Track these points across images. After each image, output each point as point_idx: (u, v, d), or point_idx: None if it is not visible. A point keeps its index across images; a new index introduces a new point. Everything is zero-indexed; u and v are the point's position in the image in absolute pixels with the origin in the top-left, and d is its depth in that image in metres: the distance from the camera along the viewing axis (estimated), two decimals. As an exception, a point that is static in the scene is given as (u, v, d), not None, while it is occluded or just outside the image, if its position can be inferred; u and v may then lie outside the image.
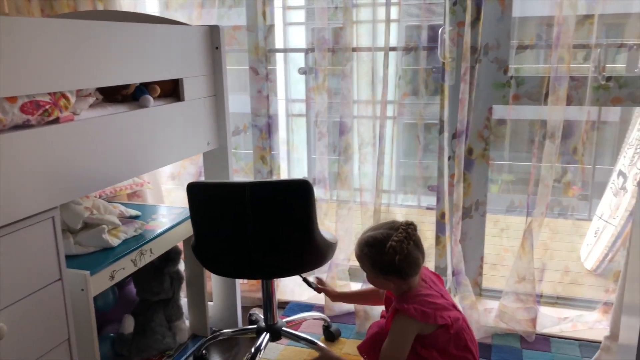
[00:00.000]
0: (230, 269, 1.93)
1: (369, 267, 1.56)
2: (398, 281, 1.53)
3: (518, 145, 2.89)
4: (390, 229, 1.53)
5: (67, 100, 1.41)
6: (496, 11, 2.07)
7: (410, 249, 1.49)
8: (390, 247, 1.47)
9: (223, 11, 2.41)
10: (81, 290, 1.55)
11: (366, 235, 1.57)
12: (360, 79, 2.24)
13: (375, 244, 1.52)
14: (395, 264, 1.48)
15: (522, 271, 2.18)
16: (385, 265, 1.50)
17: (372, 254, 1.53)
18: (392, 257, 1.47)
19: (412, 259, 1.50)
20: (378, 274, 1.54)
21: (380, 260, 1.51)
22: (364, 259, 1.56)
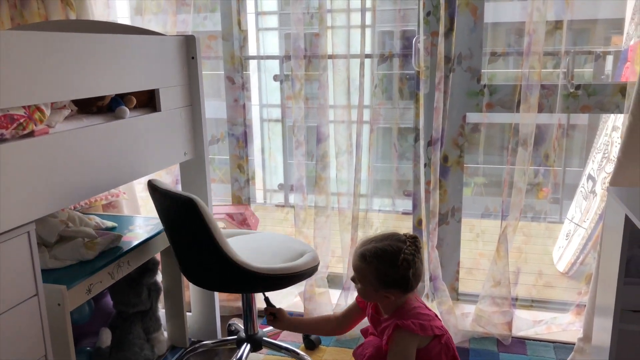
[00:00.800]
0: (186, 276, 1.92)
1: (372, 279, 1.50)
2: (399, 295, 1.51)
3: (492, 152, 2.95)
4: (399, 242, 1.49)
5: (41, 113, 1.39)
6: (469, 22, 2.12)
7: (419, 263, 1.49)
8: (404, 260, 1.45)
9: (198, 20, 2.41)
10: (58, 305, 1.52)
11: (372, 247, 1.51)
12: (337, 86, 2.26)
13: (386, 256, 1.47)
14: (409, 277, 1.46)
15: (498, 275, 2.22)
16: (395, 279, 1.47)
17: (381, 266, 1.48)
18: (406, 270, 1.45)
19: (419, 272, 1.50)
20: (380, 287, 1.50)
21: (389, 273, 1.47)
22: (368, 271, 1.50)
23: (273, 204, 3.55)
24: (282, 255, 1.92)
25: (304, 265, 1.86)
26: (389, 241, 1.50)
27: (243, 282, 1.79)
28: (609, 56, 2.76)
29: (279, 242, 2.07)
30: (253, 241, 2.08)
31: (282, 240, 2.11)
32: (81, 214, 1.92)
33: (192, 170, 2.16)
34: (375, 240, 1.53)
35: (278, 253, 1.94)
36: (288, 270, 1.82)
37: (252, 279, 1.77)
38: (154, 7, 2.37)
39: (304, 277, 1.90)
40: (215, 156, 2.69)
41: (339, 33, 2.22)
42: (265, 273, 1.77)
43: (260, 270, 1.77)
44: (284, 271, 1.81)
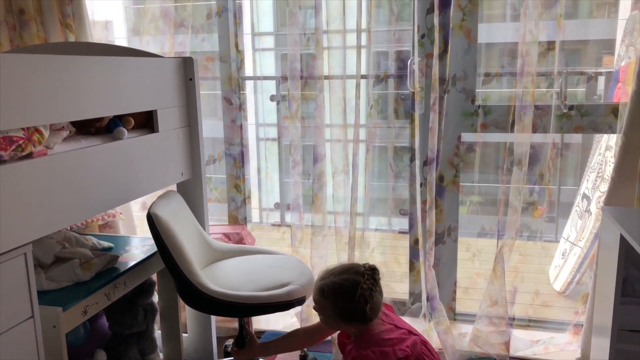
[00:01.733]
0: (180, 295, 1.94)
1: (330, 313, 1.52)
2: (360, 326, 1.52)
3: (487, 172, 2.97)
4: (356, 275, 1.50)
5: (40, 135, 1.40)
6: (463, 44, 2.15)
7: (377, 295, 1.49)
8: (361, 295, 1.45)
9: (196, 41, 2.43)
10: (53, 327, 1.51)
11: (330, 281, 1.52)
12: (333, 107, 2.28)
13: (343, 291, 1.48)
14: (366, 312, 1.47)
15: (495, 295, 2.22)
16: (352, 313, 1.49)
17: (339, 301, 1.50)
18: (363, 305, 1.46)
19: (377, 305, 1.51)
20: (340, 321, 1.52)
21: (347, 308, 1.49)
22: (326, 306, 1.52)
23: (269, 224, 3.55)
24: (263, 282, 1.86)
25: (274, 297, 1.78)
26: (347, 275, 1.51)
27: (206, 304, 1.79)
28: (601, 77, 2.80)
29: (276, 267, 2.01)
30: (253, 263, 2.06)
31: (282, 265, 2.03)
32: (78, 234, 1.91)
33: (190, 190, 2.16)
34: (334, 274, 1.54)
35: (261, 279, 1.88)
36: (252, 299, 1.77)
37: (210, 302, 1.76)
38: (152, 29, 2.40)
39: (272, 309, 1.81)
40: (212, 176, 2.70)
41: (335, 54, 2.24)
42: (221, 298, 1.75)
43: (216, 294, 1.75)
44: (243, 300, 1.76)
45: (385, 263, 2.51)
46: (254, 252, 2.16)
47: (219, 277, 1.88)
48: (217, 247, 2.12)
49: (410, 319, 2.41)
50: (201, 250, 2.03)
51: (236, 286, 1.83)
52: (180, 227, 1.87)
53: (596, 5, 3.33)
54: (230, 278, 1.88)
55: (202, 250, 2.04)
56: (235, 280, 1.87)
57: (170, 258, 1.77)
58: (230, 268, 1.99)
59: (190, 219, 2.05)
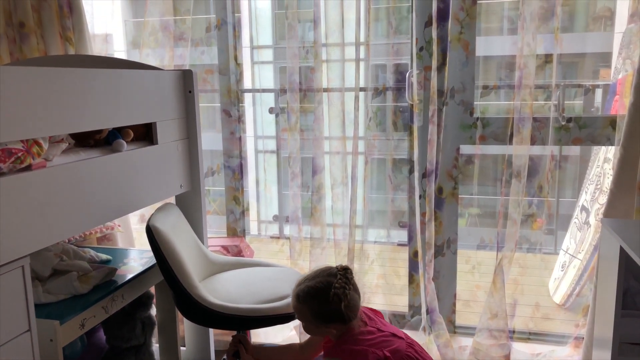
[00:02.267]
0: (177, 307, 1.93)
1: (309, 318, 1.54)
2: (340, 327, 1.53)
3: (486, 184, 2.97)
4: (329, 276, 1.52)
5: (39, 147, 1.40)
6: (461, 56, 2.16)
7: (351, 293, 1.50)
8: (335, 294, 1.47)
9: (195, 54, 2.45)
10: (50, 341, 1.50)
11: (304, 286, 1.54)
12: (331, 119, 2.28)
13: (318, 294, 1.50)
14: (342, 311, 1.48)
15: (495, 308, 2.21)
16: (330, 314, 1.50)
17: (315, 304, 1.51)
18: (338, 304, 1.48)
19: (353, 302, 1.51)
20: (320, 324, 1.54)
21: (323, 310, 1.50)
22: (304, 311, 1.54)
23: (268, 236, 3.54)
24: (262, 294, 1.85)
25: (275, 310, 1.78)
26: (320, 278, 1.54)
27: (205, 317, 1.79)
28: (598, 89, 2.81)
29: (275, 279, 1.99)
30: (252, 275, 2.05)
31: (280, 277, 2.02)
32: (76, 247, 1.90)
33: (188, 202, 2.16)
34: (308, 279, 1.56)
35: (260, 291, 1.87)
36: (252, 312, 1.76)
37: (210, 315, 1.76)
38: (152, 42, 2.41)
39: (272, 321, 1.81)
40: (211, 188, 2.70)
41: (334, 67, 2.25)
42: (220, 311, 1.75)
43: (216, 307, 1.75)
44: (242, 312, 1.76)
45: (384, 275, 2.50)
46: (252, 264, 2.15)
47: (218, 289, 1.88)
48: (215, 260, 2.11)
49: (409, 332, 2.40)
50: (199, 263, 2.02)
51: (235, 299, 1.82)
52: (178, 240, 1.87)
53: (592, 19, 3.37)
54: (229, 291, 1.87)
55: (200, 263, 2.03)
56: (234, 293, 1.86)
57: (169, 271, 1.77)
58: (228, 280, 1.98)
59: (189, 232, 2.04)
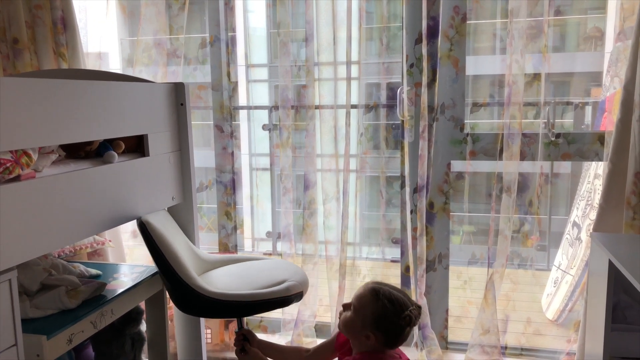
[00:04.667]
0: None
1: (369, 314, 1.49)
2: (379, 342, 1.50)
3: (477, 199, 2.99)
4: (409, 301, 1.52)
5: (29, 158, 1.40)
6: (451, 73, 2.19)
7: (411, 329, 1.51)
8: (408, 315, 1.47)
9: (188, 71, 2.47)
10: (37, 356, 1.48)
11: (387, 290, 1.52)
12: (324, 135, 2.30)
13: (396, 303, 1.48)
14: (403, 331, 1.48)
15: (486, 323, 2.20)
16: (390, 325, 1.48)
17: (387, 308, 1.48)
18: (406, 325, 1.47)
19: (407, 335, 1.52)
20: (369, 325, 1.49)
21: (391, 319, 1.47)
22: (371, 305, 1.49)
23: (261, 252, 3.53)
24: (259, 282, 1.87)
25: (274, 294, 1.79)
26: (402, 295, 1.53)
27: (206, 307, 1.79)
28: (588, 107, 2.85)
29: (268, 269, 2.02)
30: (246, 268, 2.06)
31: (274, 266, 2.05)
32: (65, 262, 1.89)
33: (180, 215, 2.15)
34: (391, 287, 1.55)
35: (256, 280, 1.89)
36: (252, 297, 1.77)
37: (210, 304, 1.76)
38: (145, 59, 2.43)
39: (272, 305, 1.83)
40: (203, 205, 2.70)
41: (326, 85, 2.28)
42: (220, 299, 1.75)
43: (216, 295, 1.75)
44: (242, 298, 1.77)
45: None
46: (243, 259, 2.16)
47: (214, 282, 1.87)
48: (207, 258, 2.11)
49: (402, 348, 2.39)
50: (192, 261, 2.01)
51: (233, 288, 1.82)
52: (171, 237, 1.88)
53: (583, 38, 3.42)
54: (226, 282, 1.87)
55: (193, 262, 2.02)
56: (230, 283, 1.86)
57: (165, 263, 1.78)
58: (223, 274, 1.98)
59: (179, 232, 2.05)
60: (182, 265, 1.80)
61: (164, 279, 1.87)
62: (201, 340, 2.24)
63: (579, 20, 3.32)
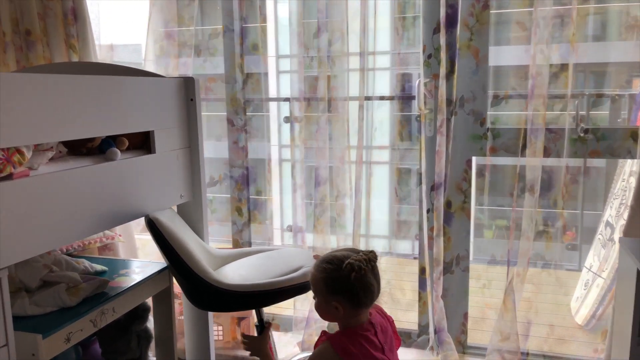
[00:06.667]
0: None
1: (321, 286, 1.47)
2: (347, 307, 1.45)
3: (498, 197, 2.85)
4: (351, 251, 1.49)
5: (21, 156, 1.36)
6: (471, 64, 2.07)
7: (366, 271, 1.43)
8: (349, 264, 1.42)
9: (198, 63, 2.41)
10: (32, 355, 1.46)
11: (325, 255, 1.52)
12: (336, 128, 2.21)
13: (334, 260, 1.46)
14: (350, 280, 1.41)
15: (506, 329, 2.09)
16: (339, 282, 1.43)
17: (328, 270, 1.45)
18: (348, 273, 1.41)
19: (366, 282, 1.44)
20: (329, 296, 1.46)
21: (335, 276, 1.44)
22: (318, 277, 1.48)
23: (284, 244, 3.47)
24: (275, 271, 1.84)
25: (292, 280, 1.77)
26: (343, 250, 1.50)
27: (223, 301, 1.76)
28: (625, 100, 2.68)
29: (282, 257, 2.00)
30: (259, 259, 2.02)
31: (287, 255, 2.02)
32: (69, 257, 1.87)
33: (189, 212, 2.11)
34: (334, 250, 1.53)
35: (272, 269, 1.86)
36: (270, 285, 1.75)
37: (228, 297, 1.73)
38: (157, 50, 2.38)
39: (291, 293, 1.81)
40: (216, 195, 2.65)
41: (339, 75, 2.19)
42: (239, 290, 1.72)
43: (234, 287, 1.72)
44: (260, 287, 1.73)
45: (390, 291, 2.41)
46: (254, 252, 2.11)
47: (229, 276, 1.83)
48: (218, 254, 2.07)
49: (416, 351, 2.30)
50: (204, 257, 1.96)
51: (249, 279, 1.79)
52: (180, 233, 1.85)
53: (625, 27, 3.23)
54: (241, 274, 1.84)
55: (205, 257, 1.98)
56: (246, 274, 1.82)
57: (178, 259, 1.75)
58: (237, 267, 1.94)
59: (188, 230, 2.01)
60: (196, 260, 1.76)
61: (178, 276, 1.83)
62: (209, 337, 2.20)
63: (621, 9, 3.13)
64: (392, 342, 1.56)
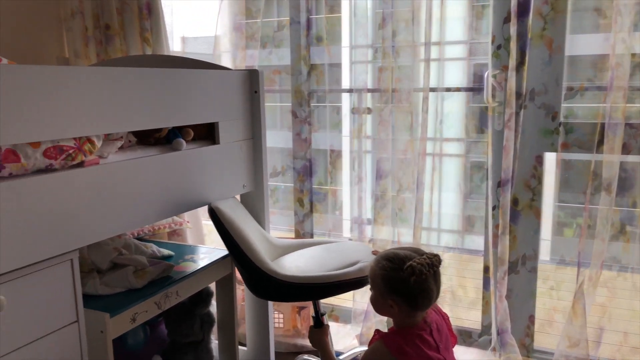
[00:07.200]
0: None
1: (379, 282, 1.47)
2: (404, 308, 1.44)
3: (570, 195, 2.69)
4: (414, 252, 1.47)
5: (92, 145, 1.44)
6: (543, 55, 1.96)
7: (428, 276, 1.41)
8: (410, 266, 1.40)
9: (264, 55, 2.45)
10: (100, 332, 1.55)
11: (387, 251, 1.52)
12: (399, 120, 2.17)
13: (395, 259, 1.44)
14: (410, 283, 1.39)
15: (575, 334, 1.98)
16: (397, 283, 1.42)
17: (388, 268, 1.45)
18: (408, 276, 1.40)
19: (426, 287, 1.42)
20: (385, 294, 1.45)
21: (394, 276, 1.43)
22: (377, 273, 1.47)
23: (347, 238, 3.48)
24: (332, 264, 1.86)
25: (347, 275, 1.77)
26: (406, 250, 1.48)
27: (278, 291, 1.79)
28: None
29: (341, 250, 2.01)
30: (318, 251, 2.05)
31: (346, 248, 2.03)
32: (138, 241, 1.96)
33: (251, 202, 2.16)
34: (396, 248, 1.53)
35: (329, 262, 1.88)
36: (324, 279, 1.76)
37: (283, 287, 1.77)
38: (226, 43, 2.44)
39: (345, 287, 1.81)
40: (282, 183, 2.69)
41: (404, 67, 2.14)
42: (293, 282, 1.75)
43: (288, 278, 1.75)
44: (315, 280, 1.75)
45: (451, 288, 2.35)
46: (315, 243, 2.14)
47: (287, 266, 1.87)
48: (278, 244, 2.11)
49: (477, 351, 2.24)
50: (264, 247, 2.02)
51: (305, 271, 1.82)
52: (242, 223, 1.90)
53: None
54: (298, 265, 1.87)
55: (265, 247, 2.03)
56: (303, 266, 1.86)
57: (237, 248, 1.81)
58: (296, 258, 1.97)
59: (250, 218, 2.06)
60: (254, 249, 1.81)
61: (237, 264, 1.89)
62: (269, 324, 2.25)
63: None
64: (448, 340, 1.53)
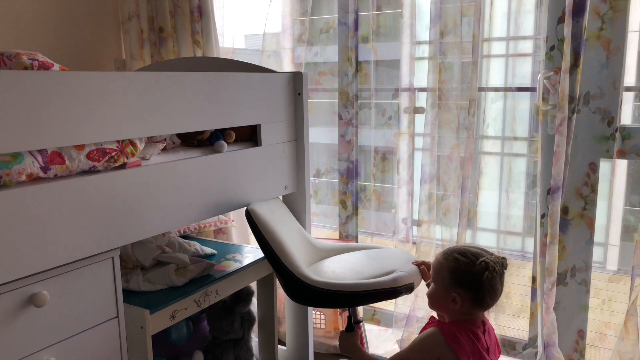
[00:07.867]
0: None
1: (446, 275, 1.46)
2: (467, 303, 1.44)
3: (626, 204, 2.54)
4: (486, 252, 1.47)
5: (134, 147, 1.49)
6: (600, 56, 1.85)
7: (498, 274, 1.42)
8: (483, 261, 1.41)
9: (310, 55, 2.44)
10: (140, 328, 1.60)
11: (457, 246, 1.51)
12: (444, 123, 2.12)
13: (468, 253, 1.45)
14: (482, 278, 1.40)
15: (627, 354, 1.87)
16: (469, 276, 1.43)
17: (460, 261, 1.45)
18: (482, 270, 1.41)
19: (494, 285, 1.43)
20: (451, 287, 1.45)
21: (466, 270, 1.43)
22: (445, 266, 1.47)
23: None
24: (367, 272, 1.81)
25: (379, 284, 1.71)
26: (476, 248, 1.49)
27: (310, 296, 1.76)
28: None
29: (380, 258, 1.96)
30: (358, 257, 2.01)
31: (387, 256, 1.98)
32: (182, 239, 2.02)
33: (294, 203, 2.17)
34: (465, 245, 1.53)
35: (365, 269, 1.84)
36: (356, 287, 1.71)
37: (314, 293, 1.73)
38: (274, 44, 2.46)
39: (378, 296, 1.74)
40: (323, 185, 2.68)
41: (450, 67, 2.09)
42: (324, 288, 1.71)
43: (320, 284, 1.72)
44: (346, 288, 1.70)
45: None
46: (359, 248, 2.11)
47: (323, 271, 1.87)
48: (320, 246, 2.09)
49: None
50: (304, 249, 2.02)
51: (340, 277, 1.80)
52: (280, 225, 1.91)
53: None
54: (335, 270, 1.86)
55: (306, 249, 2.03)
56: (339, 272, 1.84)
57: (270, 251, 1.81)
58: (334, 262, 1.96)
59: (292, 221, 2.06)
60: (288, 253, 1.80)
61: (272, 266, 1.89)
62: (308, 325, 2.25)
63: None
64: (496, 348, 1.51)
